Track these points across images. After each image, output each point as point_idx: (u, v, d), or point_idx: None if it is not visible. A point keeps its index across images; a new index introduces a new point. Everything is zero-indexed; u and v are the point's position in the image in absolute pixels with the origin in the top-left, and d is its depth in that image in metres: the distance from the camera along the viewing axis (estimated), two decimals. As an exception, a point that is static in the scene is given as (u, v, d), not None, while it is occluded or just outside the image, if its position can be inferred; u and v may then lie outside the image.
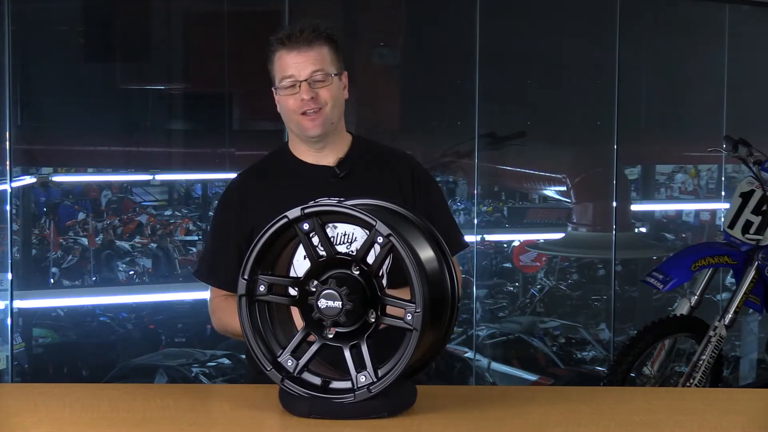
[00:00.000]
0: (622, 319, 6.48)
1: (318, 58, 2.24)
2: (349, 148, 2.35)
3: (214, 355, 5.79)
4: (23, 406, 1.95)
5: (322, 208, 1.84)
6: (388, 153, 2.40)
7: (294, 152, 2.35)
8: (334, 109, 2.27)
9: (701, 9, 6.72)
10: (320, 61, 2.24)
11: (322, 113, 2.25)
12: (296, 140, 2.35)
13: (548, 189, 6.91)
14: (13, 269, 4.81)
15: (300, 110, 2.25)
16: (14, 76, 4.82)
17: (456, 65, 6.01)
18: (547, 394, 2.03)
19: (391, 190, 2.29)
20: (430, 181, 2.41)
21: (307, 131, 2.27)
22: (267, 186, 2.33)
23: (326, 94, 2.25)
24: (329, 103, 2.25)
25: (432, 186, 2.41)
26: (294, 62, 2.23)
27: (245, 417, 1.85)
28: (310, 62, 2.23)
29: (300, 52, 2.23)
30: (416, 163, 2.42)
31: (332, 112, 2.27)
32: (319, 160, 2.33)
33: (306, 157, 2.34)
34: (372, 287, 1.81)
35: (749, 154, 4.06)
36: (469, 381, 5.84)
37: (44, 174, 6.74)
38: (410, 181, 2.34)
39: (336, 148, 2.33)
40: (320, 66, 2.23)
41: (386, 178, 2.32)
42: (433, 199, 2.37)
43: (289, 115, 2.28)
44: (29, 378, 5.53)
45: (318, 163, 2.32)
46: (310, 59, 2.23)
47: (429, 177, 2.42)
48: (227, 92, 5.90)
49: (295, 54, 2.23)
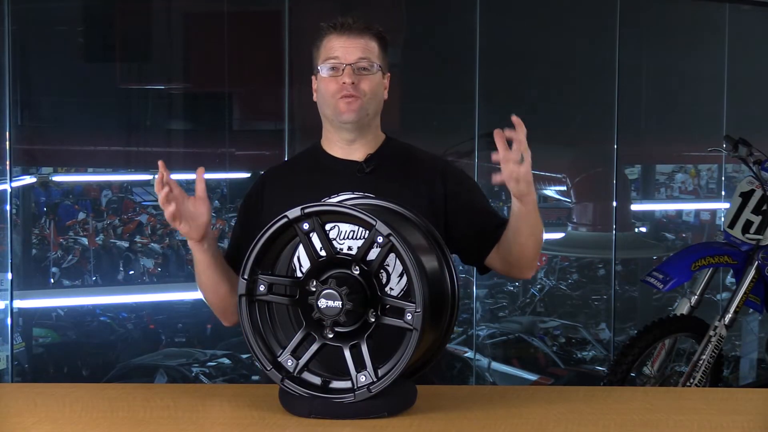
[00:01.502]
0: (622, 319, 6.48)
1: (366, 47, 2.24)
2: (380, 146, 2.33)
3: (214, 355, 5.79)
4: (23, 406, 1.95)
5: (322, 207, 1.84)
6: (420, 153, 2.37)
7: (324, 147, 2.34)
8: (371, 101, 2.25)
9: (701, 9, 6.71)
10: (368, 51, 2.24)
11: (359, 101, 2.23)
12: (329, 132, 2.33)
13: (548, 189, 6.90)
14: (13, 269, 4.81)
15: (339, 93, 2.23)
16: (14, 76, 4.82)
17: (456, 65, 6.01)
18: (547, 394, 2.03)
19: (419, 189, 2.26)
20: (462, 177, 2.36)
21: (342, 115, 2.24)
22: (292, 178, 2.33)
23: (367, 86, 2.23)
24: (368, 94, 2.24)
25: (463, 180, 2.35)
26: (342, 46, 2.24)
27: (245, 417, 1.85)
28: (358, 49, 2.24)
29: (350, 38, 2.24)
30: (448, 162, 2.40)
31: (370, 103, 2.25)
32: (349, 154, 2.30)
33: (335, 152, 2.32)
34: (372, 287, 1.81)
35: (749, 154, 4.05)
36: (469, 381, 5.84)
37: (44, 174, 6.74)
38: (440, 179, 2.30)
39: (367, 145, 2.30)
40: (367, 55, 2.24)
41: (414, 177, 2.29)
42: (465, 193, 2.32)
43: (327, 99, 2.25)
44: (29, 378, 5.53)
45: (347, 158, 2.30)
46: (359, 46, 2.24)
47: (464, 176, 2.37)
48: (227, 92, 5.89)
49: (345, 39, 2.24)
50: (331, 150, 2.33)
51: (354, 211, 1.81)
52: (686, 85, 6.88)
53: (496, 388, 3.72)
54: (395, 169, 2.30)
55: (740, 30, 6.65)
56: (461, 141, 5.83)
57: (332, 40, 2.25)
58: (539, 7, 6.36)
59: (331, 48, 2.24)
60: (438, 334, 1.88)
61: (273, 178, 2.37)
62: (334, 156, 2.32)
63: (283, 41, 5.08)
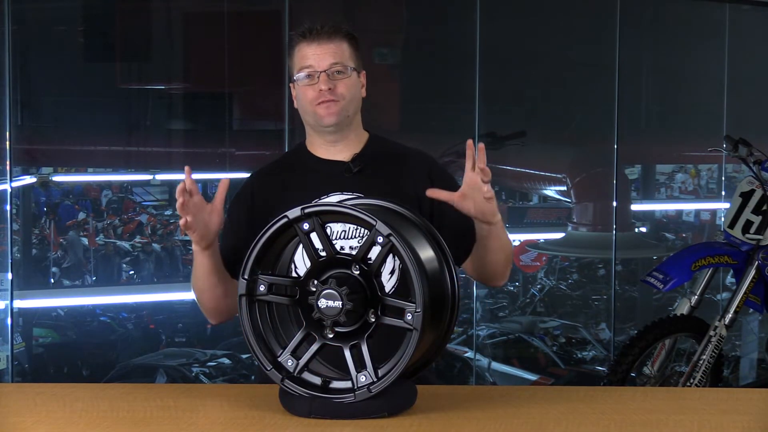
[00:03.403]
0: (623, 319, 6.48)
1: (338, 51, 2.27)
2: (364, 145, 2.34)
3: (214, 355, 5.79)
4: (23, 406, 1.95)
5: (322, 207, 1.84)
6: (405, 151, 2.39)
7: (309, 148, 2.36)
8: (350, 104, 2.28)
9: (701, 9, 6.71)
10: (339, 55, 2.26)
11: (338, 104, 2.26)
12: (312, 135, 2.35)
13: (548, 189, 6.90)
14: (13, 269, 4.81)
15: (317, 100, 2.26)
16: (14, 76, 4.82)
17: (456, 65, 6.01)
18: (547, 394, 2.03)
19: (406, 187, 2.28)
20: (447, 178, 2.38)
21: (322, 119, 2.27)
22: (280, 180, 2.34)
23: (344, 88, 2.26)
24: (346, 97, 2.26)
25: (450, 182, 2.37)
26: (314, 53, 2.26)
27: (245, 417, 1.85)
28: (329, 54, 2.26)
29: (320, 45, 2.26)
30: (433, 160, 2.42)
31: (348, 105, 2.28)
32: (334, 155, 2.32)
33: (320, 153, 2.34)
34: (372, 287, 1.81)
35: (749, 154, 4.05)
36: (469, 381, 5.84)
37: (44, 174, 6.74)
38: (426, 177, 2.31)
39: (351, 145, 2.32)
40: (339, 59, 2.26)
41: (401, 175, 2.31)
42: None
43: (306, 106, 2.29)
44: (29, 378, 5.54)
45: (333, 159, 2.32)
46: (329, 51, 2.26)
47: (447, 176, 2.40)
48: (227, 92, 5.90)
49: (316, 46, 2.26)
50: (315, 152, 2.35)
51: (354, 211, 1.81)
52: (686, 85, 6.89)
53: (496, 388, 3.71)
54: (382, 168, 2.32)
55: (740, 30, 6.65)
56: (461, 141, 5.81)
57: (303, 48, 2.28)
58: (539, 7, 6.36)
59: (304, 56, 2.27)
60: (438, 334, 1.88)
61: (263, 179, 2.38)
62: (320, 157, 2.34)
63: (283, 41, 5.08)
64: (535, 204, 7.71)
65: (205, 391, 2.13)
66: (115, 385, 2.41)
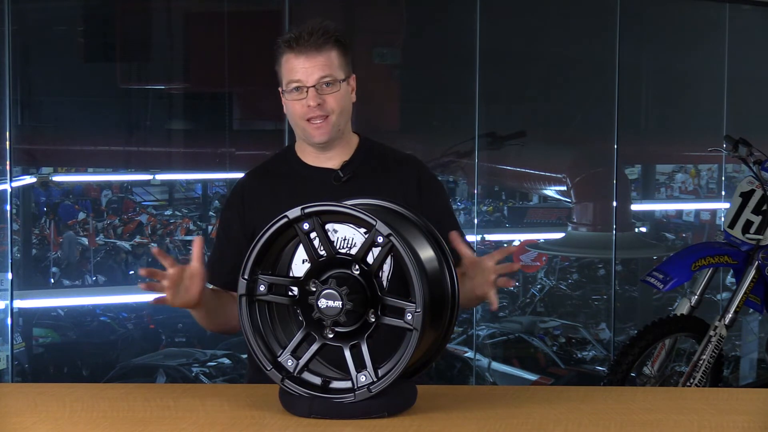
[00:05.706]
0: (623, 319, 6.49)
1: (326, 63, 2.20)
2: (354, 151, 2.32)
3: (214, 355, 5.79)
4: (23, 406, 1.95)
5: (323, 207, 1.84)
6: (394, 156, 2.37)
7: (299, 154, 2.33)
8: (341, 117, 2.23)
9: (701, 9, 6.72)
10: (328, 67, 2.20)
11: (328, 121, 2.22)
12: (302, 143, 2.32)
13: (548, 189, 6.90)
14: (13, 269, 4.81)
15: (306, 116, 2.21)
16: (14, 76, 4.82)
17: (456, 65, 6.01)
18: (547, 394, 2.03)
19: (395, 194, 2.24)
20: (436, 186, 2.37)
21: (312, 138, 2.24)
22: (270, 187, 2.32)
23: (333, 102, 2.21)
24: (336, 111, 2.22)
25: (439, 191, 2.37)
26: (302, 67, 2.20)
27: (245, 417, 1.85)
28: (318, 68, 2.19)
29: (308, 57, 2.19)
30: (423, 166, 2.39)
31: (339, 119, 2.23)
32: (324, 162, 2.30)
33: (310, 160, 2.31)
34: (372, 287, 1.81)
35: (749, 154, 4.05)
36: (469, 381, 5.85)
37: (44, 174, 6.75)
38: (416, 185, 2.30)
39: (342, 152, 2.30)
40: (328, 72, 2.20)
41: (390, 181, 2.29)
42: (439, 203, 2.34)
43: (296, 120, 2.25)
44: (29, 378, 5.54)
45: (322, 166, 2.30)
46: (318, 64, 2.19)
47: (436, 182, 2.39)
48: (227, 92, 5.90)
49: (303, 59, 2.19)
50: (305, 158, 2.32)
51: (354, 210, 1.81)
52: (686, 85, 6.89)
53: (496, 388, 3.72)
54: (371, 175, 2.29)
55: (740, 30, 6.65)
56: (461, 141, 5.83)
57: (291, 60, 2.21)
58: (539, 7, 6.36)
59: (292, 70, 2.21)
60: (438, 334, 1.88)
61: (252, 185, 2.35)
62: (310, 164, 2.31)
63: (283, 41, 5.08)
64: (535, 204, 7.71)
65: (205, 391, 2.13)
66: (115, 385, 2.41)
